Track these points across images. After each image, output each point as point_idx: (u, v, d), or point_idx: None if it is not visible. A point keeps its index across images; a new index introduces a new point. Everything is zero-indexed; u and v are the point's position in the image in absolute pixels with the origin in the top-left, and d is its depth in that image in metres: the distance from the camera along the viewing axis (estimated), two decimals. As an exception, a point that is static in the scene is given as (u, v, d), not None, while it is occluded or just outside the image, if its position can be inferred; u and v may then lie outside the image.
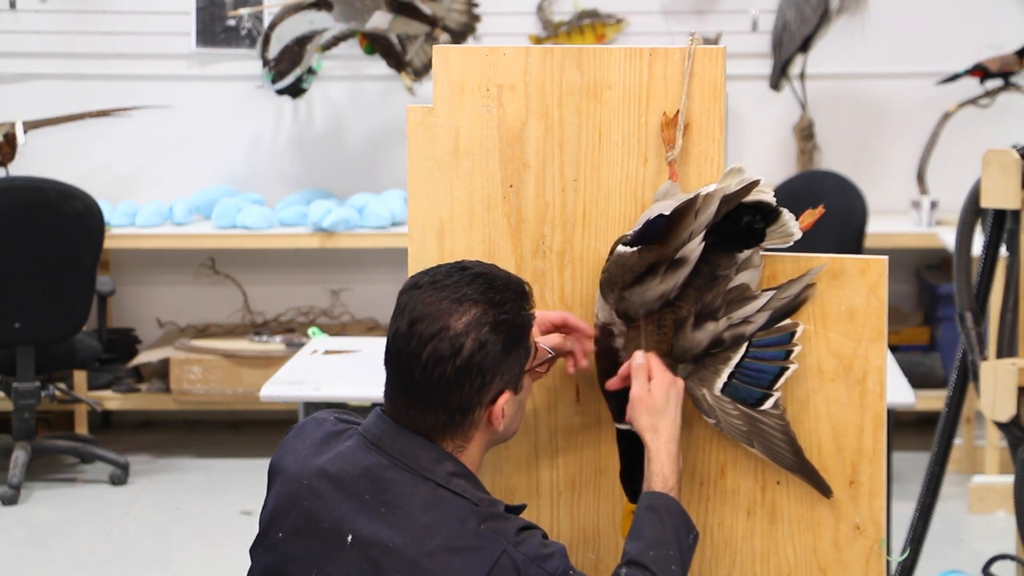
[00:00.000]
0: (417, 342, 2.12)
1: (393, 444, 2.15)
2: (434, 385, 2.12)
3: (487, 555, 2.07)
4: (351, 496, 2.13)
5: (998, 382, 3.34)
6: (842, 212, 5.36)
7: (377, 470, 2.13)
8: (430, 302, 2.14)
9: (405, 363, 2.14)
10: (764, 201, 2.29)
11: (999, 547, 3.99)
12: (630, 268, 2.26)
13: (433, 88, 2.42)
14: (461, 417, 2.14)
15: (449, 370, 2.11)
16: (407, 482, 2.12)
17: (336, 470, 2.15)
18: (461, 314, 2.12)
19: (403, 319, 2.14)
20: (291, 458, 2.24)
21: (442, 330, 2.11)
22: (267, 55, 5.56)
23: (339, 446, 2.19)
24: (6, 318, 5.04)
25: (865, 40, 5.87)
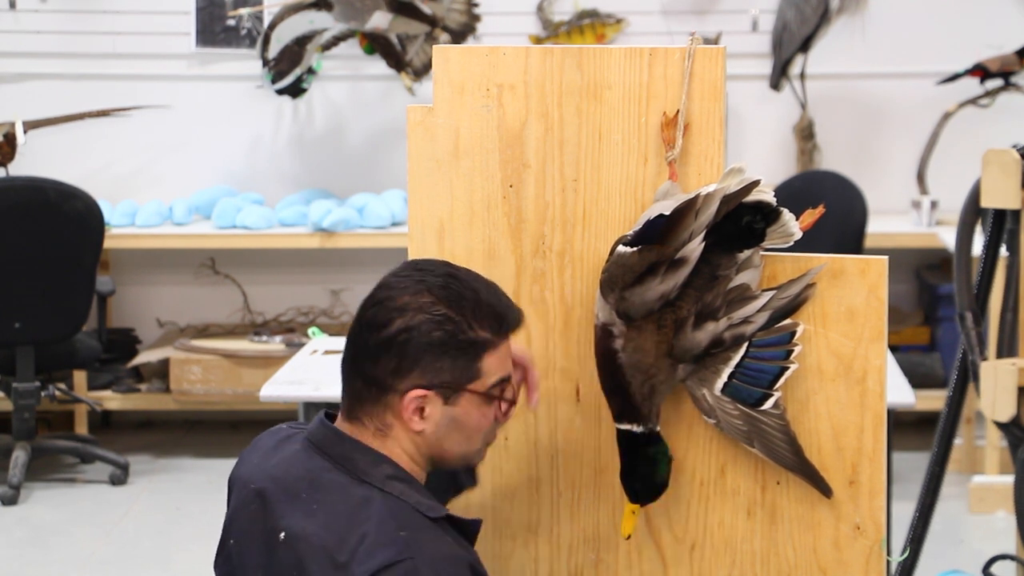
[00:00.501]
0: (367, 304, 2.18)
1: (333, 448, 2.17)
2: (361, 347, 2.16)
3: (392, 552, 2.05)
4: (290, 496, 2.15)
5: (998, 382, 3.34)
6: (842, 212, 5.36)
7: (317, 472, 2.15)
8: (400, 278, 2.18)
9: (355, 320, 2.19)
10: (764, 201, 2.29)
11: (999, 547, 3.99)
12: (630, 268, 2.26)
13: (433, 88, 2.42)
14: (376, 392, 2.15)
15: (373, 339, 2.14)
16: (344, 484, 2.13)
17: (280, 472, 2.18)
18: (414, 295, 2.14)
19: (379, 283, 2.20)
20: (244, 468, 2.27)
21: (387, 300, 2.15)
22: (267, 55, 5.56)
23: (285, 451, 2.22)
24: (6, 318, 5.04)
25: (865, 40, 5.87)
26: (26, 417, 5.21)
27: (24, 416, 5.21)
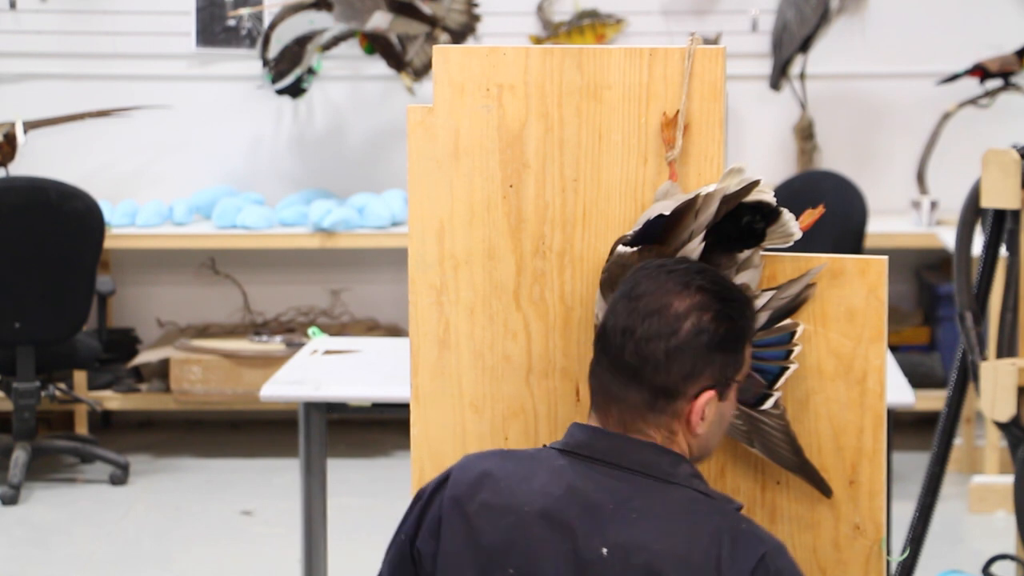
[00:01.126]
0: (635, 316, 2.09)
1: (628, 456, 2.10)
2: (643, 360, 2.08)
3: (758, 544, 2.04)
4: (592, 511, 2.06)
5: (998, 382, 3.34)
6: (842, 212, 5.36)
7: (616, 482, 2.08)
8: (657, 281, 2.11)
9: (619, 336, 2.10)
10: (764, 201, 2.29)
11: (999, 547, 3.99)
12: (630, 268, 2.26)
13: (433, 88, 2.42)
14: (664, 401, 2.09)
15: (661, 348, 2.08)
16: (654, 487, 2.07)
17: (560, 490, 2.09)
18: (686, 297, 2.09)
19: (625, 294, 2.12)
20: (493, 494, 2.11)
21: (663, 307, 2.09)
22: (267, 55, 5.56)
23: (545, 469, 2.11)
24: (6, 318, 5.04)
25: (865, 40, 5.87)
26: (26, 417, 5.21)
27: (24, 416, 5.21)
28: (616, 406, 2.12)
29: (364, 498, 5.11)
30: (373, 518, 4.94)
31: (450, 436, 2.48)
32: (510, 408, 2.45)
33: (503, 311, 2.43)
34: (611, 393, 2.12)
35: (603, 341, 2.14)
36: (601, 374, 2.14)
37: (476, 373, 2.45)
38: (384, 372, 3.18)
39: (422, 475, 2.50)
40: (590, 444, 2.13)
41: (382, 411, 3.20)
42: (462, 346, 2.45)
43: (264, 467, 5.49)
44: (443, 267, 2.44)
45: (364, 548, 4.67)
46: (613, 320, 2.12)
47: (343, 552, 4.25)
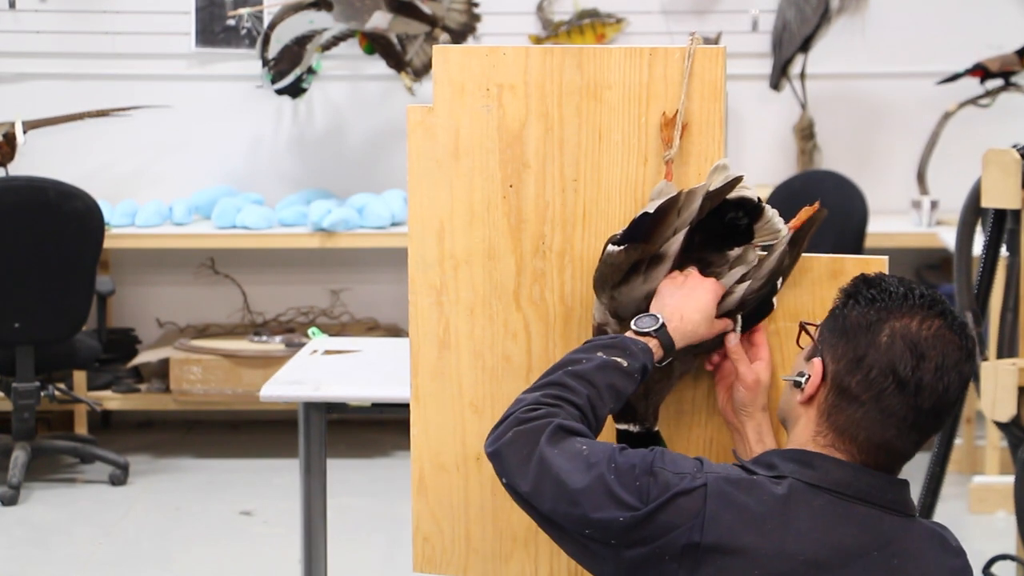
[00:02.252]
0: (930, 373, 2.02)
1: (882, 494, 2.05)
2: (943, 411, 2.06)
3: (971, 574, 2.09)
4: (856, 559, 2.01)
5: (998, 382, 3.34)
6: (842, 212, 5.36)
7: (870, 522, 2.03)
8: (932, 329, 2.04)
9: (913, 396, 2.03)
10: (746, 198, 2.29)
11: (999, 547, 3.98)
12: (618, 267, 2.27)
13: (433, 88, 2.42)
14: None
15: (954, 398, 2.07)
16: (902, 527, 2.05)
17: (829, 536, 2.01)
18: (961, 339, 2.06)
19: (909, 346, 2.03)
20: (757, 538, 1.99)
21: (957, 359, 2.04)
22: (267, 55, 5.55)
23: (805, 509, 2.02)
24: (6, 318, 5.04)
25: (865, 40, 5.87)
26: (26, 417, 5.21)
27: (24, 416, 5.21)
28: (887, 454, 2.06)
29: (364, 498, 5.11)
30: (373, 518, 4.94)
31: (450, 436, 2.48)
32: (510, 408, 2.44)
33: (503, 311, 2.43)
34: (886, 440, 2.04)
35: (879, 394, 2.03)
36: (872, 418, 2.04)
37: (476, 373, 2.45)
38: (384, 372, 3.18)
39: (422, 475, 2.50)
40: (850, 483, 2.04)
41: (382, 411, 3.19)
42: (462, 346, 2.45)
43: (264, 467, 5.49)
44: (443, 267, 2.44)
45: (364, 548, 4.67)
46: (905, 377, 2.02)
47: (343, 552, 4.25)
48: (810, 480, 2.03)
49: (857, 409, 2.04)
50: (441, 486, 2.49)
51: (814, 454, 2.06)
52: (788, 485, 2.02)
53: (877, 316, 2.05)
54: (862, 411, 2.04)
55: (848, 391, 2.05)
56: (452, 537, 2.51)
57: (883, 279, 2.10)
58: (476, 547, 2.50)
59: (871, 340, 2.04)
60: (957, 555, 2.07)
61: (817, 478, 2.03)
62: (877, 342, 2.03)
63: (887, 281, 2.09)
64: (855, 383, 2.04)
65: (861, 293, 2.08)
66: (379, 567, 4.57)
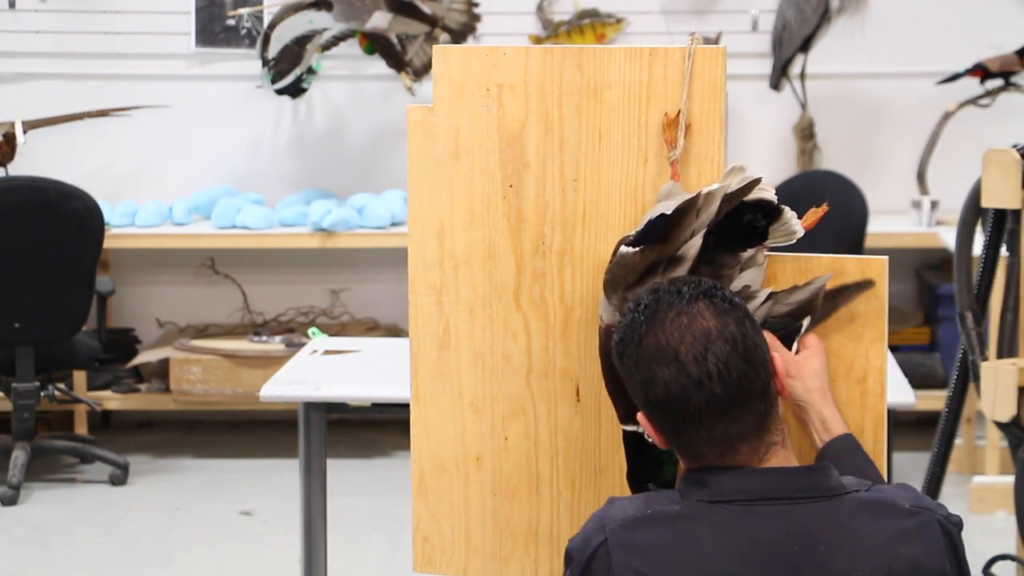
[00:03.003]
0: (694, 363, 2.02)
1: (781, 487, 2.02)
2: (737, 386, 2.02)
3: (932, 530, 2.07)
4: (778, 559, 1.98)
5: (998, 382, 3.34)
6: (842, 212, 5.36)
7: (777, 520, 2.01)
8: (671, 329, 2.04)
9: (698, 387, 2.02)
10: (766, 199, 2.29)
11: (999, 547, 3.98)
12: (633, 268, 2.26)
13: (433, 88, 2.42)
14: (766, 401, 2.05)
15: (737, 364, 2.03)
16: (820, 510, 2.02)
17: (742, 547, 1.99)
18: (701, 315, 2.05)
19: (667, 360, 2.03)
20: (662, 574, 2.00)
21: (706, 334, 2.03)
22: (267, 55, 5.55)
23: (704, 527, 2.01)
24: (6, 318, 5.04)
25: (865, 40, 5.87)
26: (26, 417, 5.21)
27: (24, 416, 5.21)
28: (744, 443, 2.04)
29: (364, 498, 5.11)
30: (373, 518, 4.94)
31: (450, 436, 2.48)
32: (510, 408, 2.45)
33: (503, 311, 2.43)
34: (730, 436, 2.03)
35: (688, 406, 2.03)
36: (704, 432, 2.03)
37: (476, 373, 2.45)
38: (384, 372, 3.18)
39: (422, 475, 2.50)
40: (745, 488, 2.02)
41: (382, 411, 3.19)
42: (462, 346, 2.45)
43: (264, 467, 5.49)
44: (443, 267, 2.44)
45: (364, 548, 4.67)
46: (679, 385, 2.02)
47: (343, 552, 4.25)
48: (707, 498, 2.02)
49: (689, 435, 2.04)
50: (441, 486, 2.49)
51: (707, 470, 2.04)
52: (685, 506, 2.02)
53: (631, 362, 2.08)
54: (691, 433, 2.04)
55: (668, 431, 2.07)
56: (452, 537, 2.51)
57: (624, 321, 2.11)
58: (476, 547, 2.50)
59: (640, 382, 2.07)
60: (911, 515, 2.05)
61: (712, 494, 2.02)
62: (643, 381, 2.06)
63: (625, 319, 2.11)
64: (662, 422, 2.07)
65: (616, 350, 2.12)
66: (379, 567, 4.57)
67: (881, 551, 2.01)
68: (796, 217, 2.31)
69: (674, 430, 2.06)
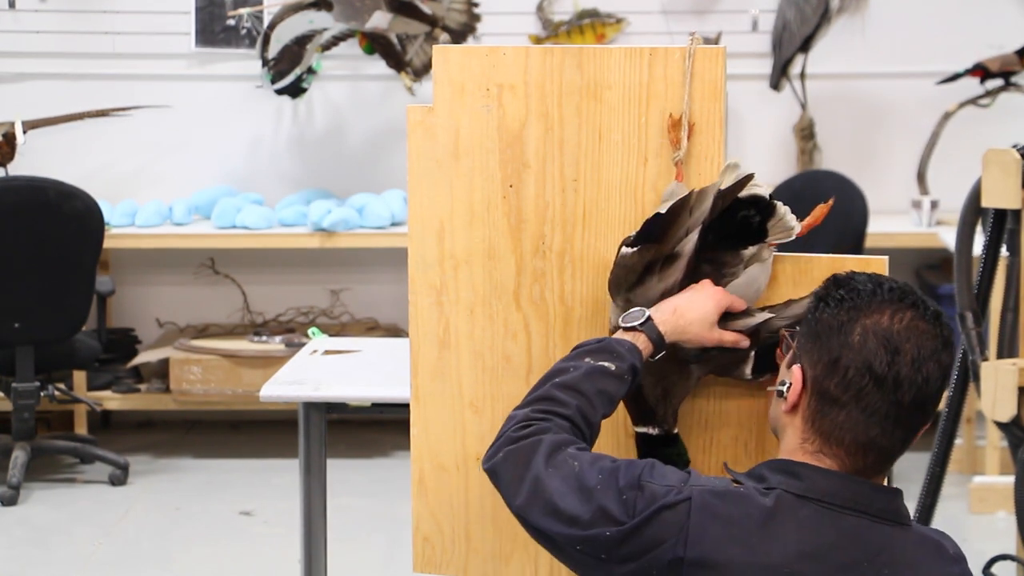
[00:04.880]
0: (908, 367, 2.00)
1: (870, 503, 2.03)
2: (925, 402, 2.03)
3: None
4: (846, 568, 1.99)
5: (998, 382, 3.34)
6: (842, 212, 5.35)
7: (858, 532, 2.01)
8: (905, 324, 2.03)
9: (892, 391, 2.01)
10: (759, 195, 2.30)
11: (1000, 547, 3.98)
12: (632, 268, 2.27)
13: (433, 88, 2.42)
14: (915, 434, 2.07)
15: (936, 389, 2.04)
16: (893, 536, 2.02)
17: (817, 548, 1.98)
18: (936, 330, 2.05)
19: (885, 343, 2.01)
20: (734, 548, 1.98)
21: (932, 352, 2.03)
22: (267, 55, 5.55)
23: (791, 521, 2.00)
24: (6, 318, 5.04)
25: (865, 40, 5.87)
26: (26, 417, 5.21)
27: (24, 416, 5.21)
28: (874, 453, 2.04)
29: (364, 498, 5.11)
30: (373, 518, 4.94)
31: (450, 436, 2.48)
32: (510, 408, 2.44)
33: (503, 311, 2.43)
34: (871, 439, 2.02)
35: (865, 392, 2.01)
36: (860, 424, 2.02)
37: (476, 373, 2.45)
38: (384, 372, 3.17)
39: (422, 475, 2.50)
40: (837, 492, 2.02)
41: (382, 411, 3.19)
42: (462, 346, 2.45)
43: (264, 467, 5.49)
44: (443, 267, 2.44)
45: (364, 548, 4.67)
46: (883, 371, 2.00)
47: (343, 552, 4.25)
48: (797, 491, 2.01)
49: (839, 412, 2.03)
50: (441, 486, 2.49)
51: (800, 464, 2.04)
52: (775, 496, 2.01)
53: (848, 316, 2.04)
54: (844, 413, 2.02)
55: (828, 394, 2.03)
56: (452, 537, 2.51)
57: (852, 278, 2.08)
58: (476, 547, 2.50)
59: (844, 340, 2.03)
60: (955, 562, 2.06)
61: (804, 488, 2.02)
62: (850, 342, 2.02)
63: (856, 280, 2.08)
64: (834, 386, 2.03)
65: (831, 295, 2.07)
66: (379, 567, 4.57)
67: None
68: (791, 212, 2.31)
69: (834, 401, 2.03)
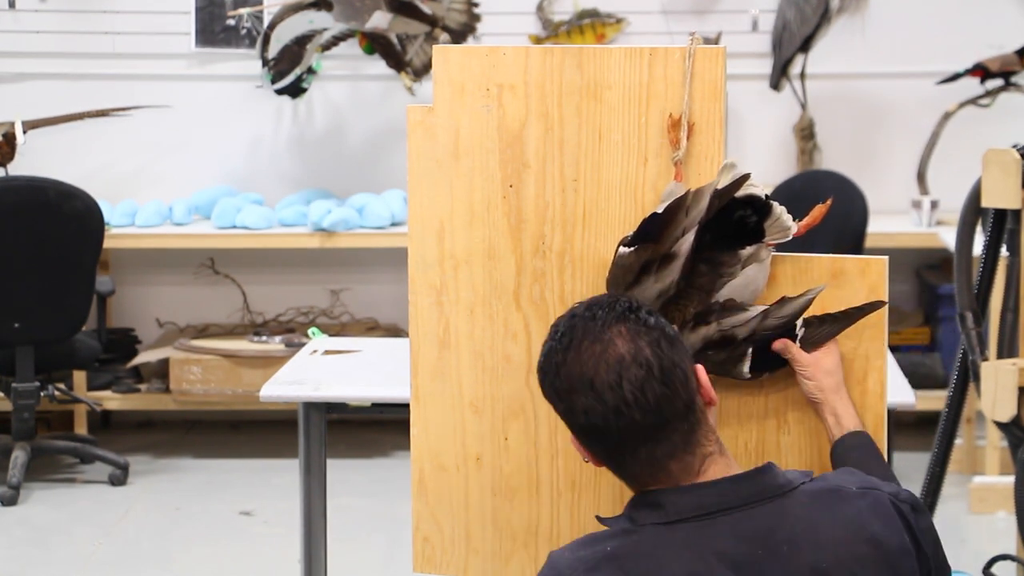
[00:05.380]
0: (609, 391, 2.00)
1: (735, 494, 2.01)
2: (656, 409, 2.00)
3: (884, 507, 2.06)
4: (746, 567, 1.97)
5: (998, 382, 3.34)
6: (842, 212, 5.36)
7: (738, 526, 2.00)
8: (586, 358, 2.03)
9: (617, 415, 2.01)
10: (754, 195, 2.30)
11: (1000, 547, 3.98)
12: (629, 268, 2.27)
13: (433, 88, 2.42)
14: (693, 413, 2.02)
15: (655, 388, 2.01)
16: (773, 510, 2.02)
17: (707, 565, 1.96)
18: (613, 342, 2.03)
19: (581, 386, 2.02)
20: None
21: (619, 361, 2.01)
22: (267, 55, 5.55)
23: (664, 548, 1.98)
24: (6, 318, 5.04)
25: (865, 40, 5.87)
26: (26, 417, 5.21)
27: (24, 416, 5.21)
28: (674, 462, 2.03)
29: (364, 498, 5.11)
30: (373, 518, 4.94)
31: (450, 436, 2.48)
32: (510, 408, 2.45)
33: (503, 311, 2.43)
34: (657, 456, 2.02)
35: (614, 437, 2.02)
36: (630, 456, 2.03)
37: (476, 373, 2.45)
38: (384, 372, 3.17)
39: (422, 475, 2.50)
40: (700, 504, 2.01)
41: (382, 411, 3.19)
42: (462, 346, 2.45)
43: (264, 467, 5.49)
44: (443, 267, 2.44)
45: (364, 548, 4.67)
46: (599, 415, 2.01)
47: (343, 552, 4.25)
48: (663, 520, 2.00)
49: (613, 459, 2.07)
50: (441, 486, 2.49)
51: (658, 492, 2.03)
52: (642, 535, 2.00)
53: (552, 385, 2.08)
54: (617, 458, 2.06)
55: (595, 451, 2.08)
56: (452, 537, 2.51)
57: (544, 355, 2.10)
58: (476, 547, 2.50)
59: (561, 412, 2.08)
60: (860, 496, 2.04)
61: (668, 515, 2.01)
62: (567, 408, 2.06)
63: (545, 346, 2.10)
64: (589, 443, 2.08)
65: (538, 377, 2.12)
66: (379, 567, 4.57)
67: (841, 537, 2.01)
68: (786, 212, 2.32)
69: (606, 454, 2.07)
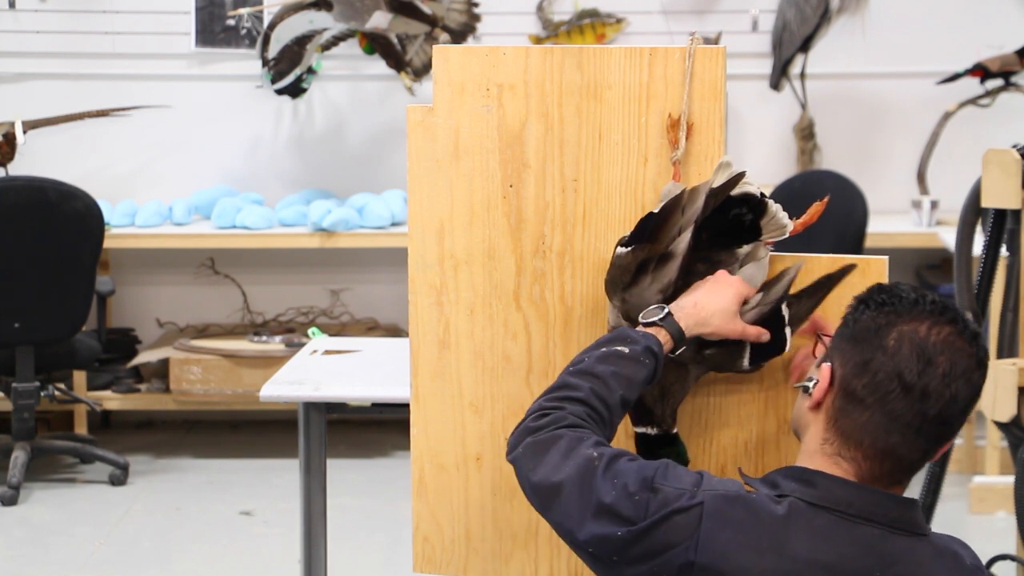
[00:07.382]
0: (939, 379, 1.99)
1: (885, 513, 2.00)
2: (951, 417, 2.01)
3: None
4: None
5: (998, 382, 3.33)
6: (842, 212, 5.36)
7: (873, 542, 1.99)
8: (943, 338, 2.00)
9: (923, 400, 1.99)
10: (750, 194, 2.30)
11: (999, 547, 3.98)
12: (626, 268, 2.27)
13: (433, 88, 2.42)
14: (933, 445, 2.03)
15: (961, 411, 2.01)
16: (908, 546, 2.00)
17: (830, 558, 1.97)
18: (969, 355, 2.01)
19: (919, 353, 1.99)
20: (745, 555, 1.97)
21: (964, 370, 2.00)
22: (267, 55, 5.55)
23: (802, 527, 1.98)
24: (6, 318, 5.04)
25: (865, 40, 5.87)
26: (26, 417, 5.21)
27: (24, 416, 5.21)
28: (892, 461, 2.02)
29: (364, 498, 5.11)
30: (373, 518, 4.94)
31: (450, 436, 2.48)
32: (510, 408, 2.45)
33: (503, 311, 2.43)
34: (890, 445, 2.01)
35: (891, 397, 2.00)
36: (882, 430, 2.00)
37: (476, 373, 2.45)
38: (384, 372, 3.17)
39: (422, 475, 2.50)
40: (852, 502, 2.01)
41: (382, 411, 3.18)
42: (462, 346, 2.45)
43: (264, 467, 5.49)
44: (443, 267, 2.44)
45: (364, 548, 4.67)
46: (914, 380, 1.99)
47: (343, 552, 4.25)
48: (811, 499, 2.00)
49: (862, 413, 2.01)
50: (441, 486, 2.49)
51: (816, 472, 2.03)
52: (788, 504, 1.99)
53: (886, 320, 2.02)
54: (867, 415, 2.00)
55: (854, 395, 2.01)
56: (452, 537, 2.51)
57: (896, 286, 2.07)
58: (476, 547, 2.50)
59: (879, 344, 2.01)
60: (972, 573, 2.04)
61: (818, 497, 2.00)
62: (884, 346, 2.00)
63: (899, 288, 2.06)
64: (861, 386, 2.01)
65: (872, 298, 2.06)
66: (379, 567, 4.57)
67: None
68: (783, 210, 2.31)
69: (859, 402, 2.02)
